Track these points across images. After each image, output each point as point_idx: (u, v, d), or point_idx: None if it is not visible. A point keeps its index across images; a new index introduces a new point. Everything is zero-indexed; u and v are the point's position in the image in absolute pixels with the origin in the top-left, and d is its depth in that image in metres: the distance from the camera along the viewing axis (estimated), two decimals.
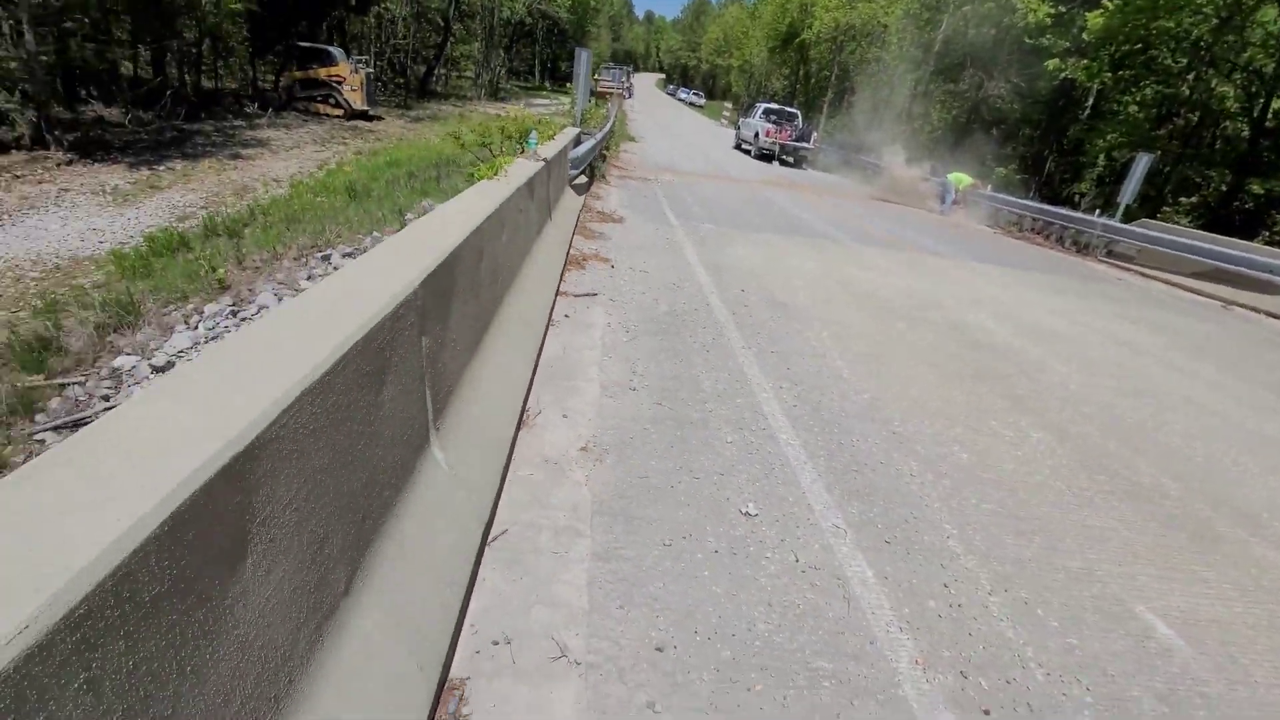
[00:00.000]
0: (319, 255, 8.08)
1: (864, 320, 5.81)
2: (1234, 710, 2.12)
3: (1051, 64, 18.86)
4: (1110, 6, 16.22)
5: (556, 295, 5.09)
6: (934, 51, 25.79)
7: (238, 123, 17.97)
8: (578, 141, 10.36)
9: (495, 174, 4.18)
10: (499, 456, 2.67)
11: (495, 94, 43.92)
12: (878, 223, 12.39)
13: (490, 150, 6.91)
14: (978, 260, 10.07)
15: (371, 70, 22.01)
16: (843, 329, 5.45)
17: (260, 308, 6.26)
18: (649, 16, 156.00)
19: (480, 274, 2.95)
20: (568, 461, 2.96)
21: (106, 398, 4.58)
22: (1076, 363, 5.53)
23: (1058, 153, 22.50)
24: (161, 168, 13.27)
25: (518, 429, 3.07)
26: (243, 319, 6.07)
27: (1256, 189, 16.87)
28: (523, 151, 5.74)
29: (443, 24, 37.22)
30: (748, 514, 2.77)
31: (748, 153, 23.75)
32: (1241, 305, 9.66)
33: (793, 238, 9.32)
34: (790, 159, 22.31)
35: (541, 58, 66.86)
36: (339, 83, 20.21)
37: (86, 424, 1.36)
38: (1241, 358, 6.68)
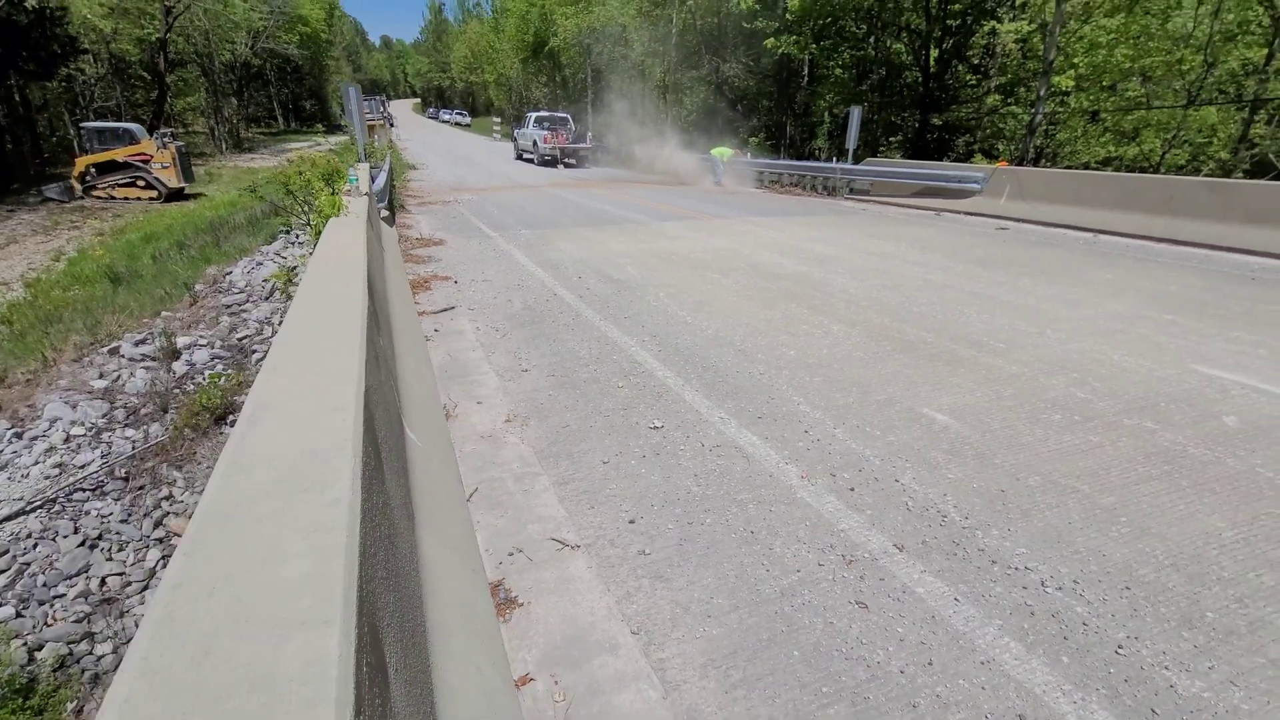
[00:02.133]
0: (104, 349, 7.30)
1: (687, 278, 6.82)
2: (985, 447, 3.27)
3: (769, 42, 21.99)
4: None
5: (419, 316, 5.37)
6: (672, 43, 28.51)
7: None
8: (372, 177, 10.30)
9: (338, 211, 4.39)
10: (445, 439, 3.08)
11: (239, 145, 39.85)
12: (667, 202, 13.82)
13: (295, 197, 6.81)
14: (756, 215, 11.82)
15: (183, 144, 19.52)
16: (673, 289, 6.39)
17: (53, 419, 5.61)
18: (386, 42, 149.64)
19: (377, 293, 3.30)
20: (499, 432, 3.44)
21: None
22: (848, 274, 7.04)
23: (793, 117, 26.20)
24: None
25: (445, 420, 3.46)
26: (35, 437, 5.44)
27: (937, 121, 21.31)
28: (346, 190, 5.86)
29: (152, 78, 32.88)
30: (655, 427, 3.48)
31: (531, 161, 24.50)
32: (948, 211, 12.46)
33: (603, 227, 10.23)
34: (573, 161, 23.46)
35: (280, 99, 61.55)
36: (145, 162, 17.73)
37: None
38: (953, 247, 8.84)
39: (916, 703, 1.84)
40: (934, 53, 20.26)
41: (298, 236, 10.71)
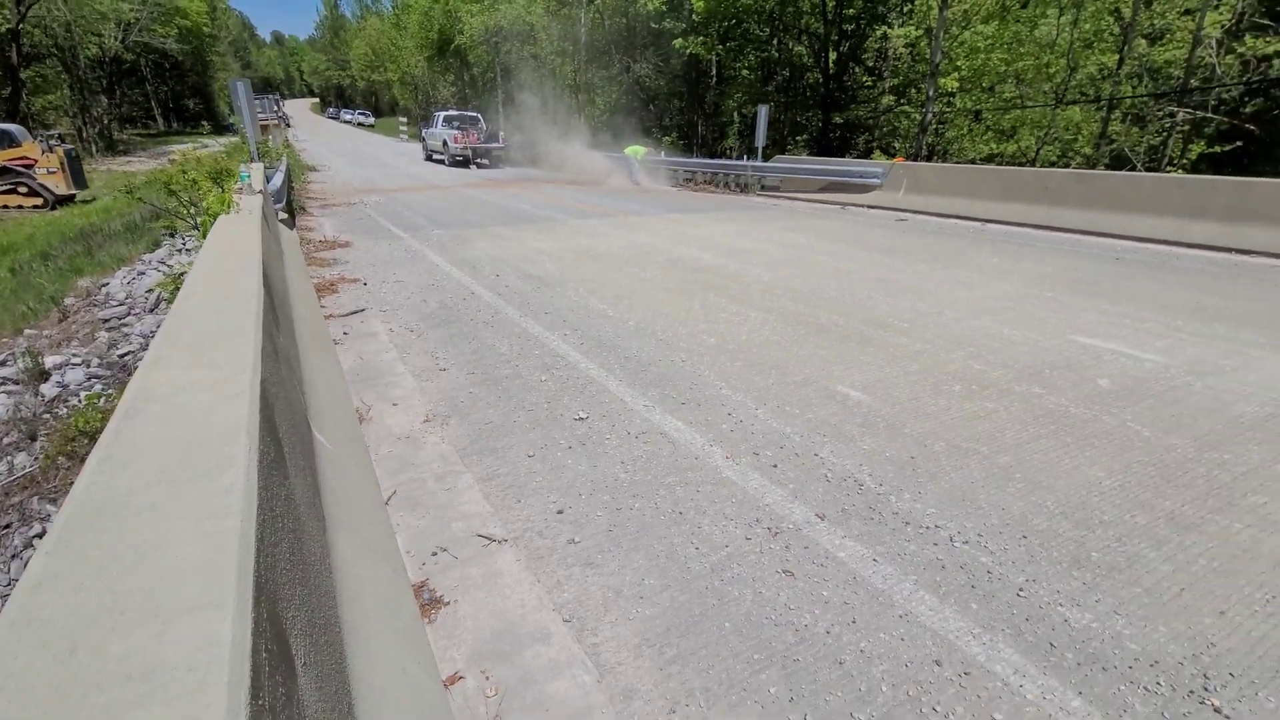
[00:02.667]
0: None
1: (606, 273, 6.82)
2: (895, 418, 3.45)
3: (677, 43, 22.37)
4: None
5: (326, 319, 5.08)
6: (581, 43, 28.46)
7: None
8: (267, 178, 9.67)
9: (228, 208, 4.08)
10: (360, 442, 2.92)
11: (111, 147, 36.38)
12: (584, 200, 13.77)
13: (179, 198, 6.28)
14: (673, 212, 11.98)
15: (72, 147, 17.40)
16: (593, 283, 6.36)
17: None
18: (278, 38, 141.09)
19: (276, 290, 3.08)
20: (418, 433, 3.30)
21: None
22: (763, 265, 7.25)
23: (704, 116, 26.76)
24: None
25: (359, 424, 3.29)
26: None
27: (838, 120, 22.37)
28: (238, 188, 5.45)
29: (3, 73, 29.47)
30: (581, 419, 3.45)
31: (441, 162, 23.77)
32: (852, 204, 13.08)
33: (520, 226, 10.06)
34: (485, 160, 22.95)
35: (159, 98, 56.66)
36: (28, 166, 15.64)
37: None
38: (857, 237, 9.29)
39: (843, 659, 1.91)
40: (832, 55, 21.24)
41: (184, 242, 9.90)
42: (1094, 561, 2.33)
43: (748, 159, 16.54)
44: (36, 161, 16.35)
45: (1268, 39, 13.76)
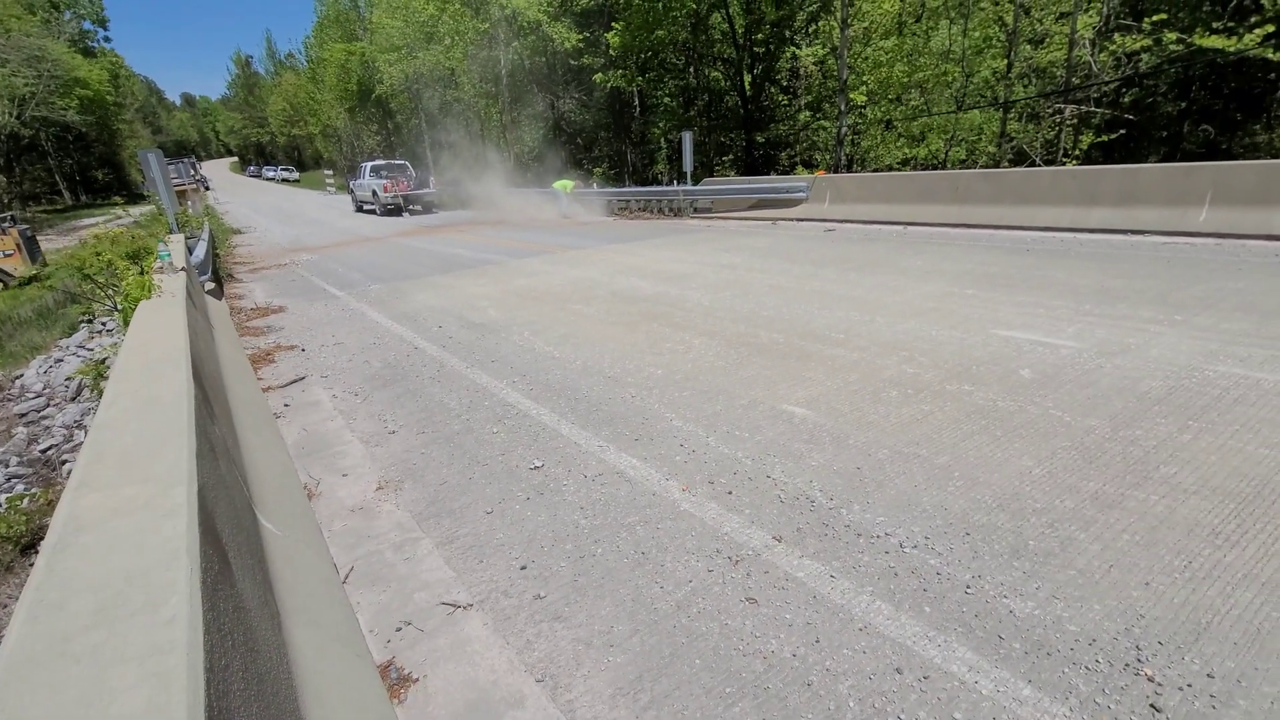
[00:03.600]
0: None
1: (549, 313, 6.86)
2: (839, 430, 3.59)
3: (598, 77, 22.87)
4: (619, 27, 20.41)
5: (265, 392, 4.94)
6: (503, 84, 28.74)
7: None
8: (189, 249, 9.36)
9: (150, 293, 3.95)
10: (311, 521, 2.86)
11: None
12: (521, 239, 13.82)
13: (95, 282, 6.02)
14: (610, 243, 12.14)
15: (26, 226, 16.69)
16: (537, 325, 6.39)
17: None
18: (189, 100, 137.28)
19: (208, 376, 3.01)
20: (371, 503, 3.25)
21: None
22: (702, 289, 7.44)
23: (632, 145, 27.31)
24: None
25: (309, 501, 3.21)
26: None
27: (760, 139, 23.19)
28: (158, 267, 5.27)
29: None
30: (536, 467, 3.46)
31: (373, 212, 23.46)
32: (782, 219, 13.55)
33: (459, 272, 10.02)
34: (418, 207, 22.80)
35: (64, 171, 54.04)
36: None
37: None
38: (790, 251, 9.63)
39: (810, 680, 1.97)
40: (748, 78, 22.11)
41: (104, 324, 9.44)
42: (1031, 550, 2.48)
43: (678, 183, 16.95)
44: None
45: (1134, 36, 15.07)
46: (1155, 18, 15.03)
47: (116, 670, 0.88)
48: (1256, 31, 13.40)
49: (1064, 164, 16.08)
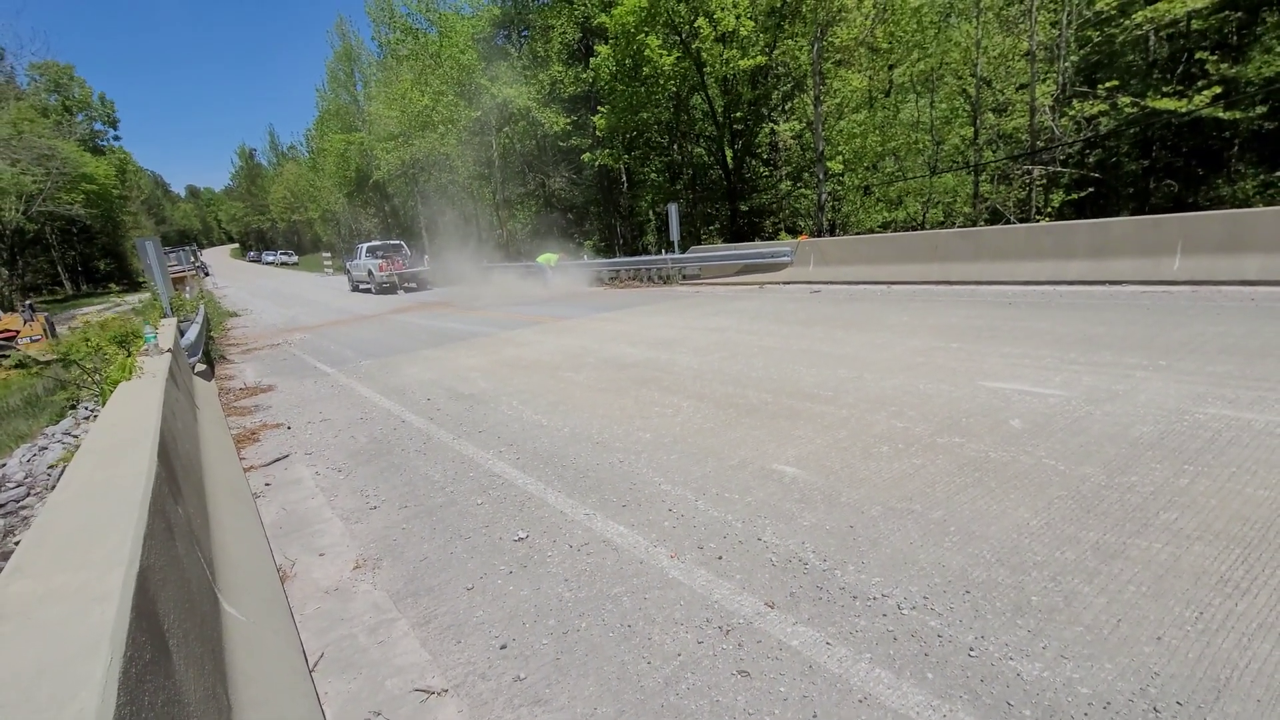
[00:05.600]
0: None
1: (539, 381, 6.84)
2: (831, 489, 3.51)
3: (586, 157, 23.83)
4: (604, 110, 21.46)
5: (247, 472, 4.84)
6: (496, 166, 29.91)
7: None
8: (181, 331, 9.42)
9: (130, 374, 3.92)
10: (281, 604, 2.72)
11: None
12: (512, 311, 13.99)
13: (81, 367, 6.01)
14: (600, 311, 12.29)
15: (48, 311, 17.47)
16: (527, 394, 6.36)
17: None
18: (193, 191, 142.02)
19: (181, 456, 2.94)
20: (346, 583, 3.11)
21: None
22: (691, 352, 7.47)
23: (621, 218, 28.13)
24: None
25: (281, 583, 3.07)
26: None
27: (744, 208, 23.95)
28: (145, 350, 5.27)
29: None
30: (520, 539, 3.34)
31: (368, 291, 23.83)
32: (769, 283, 13.80)
33: (450, 345, 10.07)
34: (413, 284, 23.18)
35: (66, 263, 55.14)
36: (10, 338, 15.88)
37: None
38: (777, 313, 9.75)
39: None
40: (729, 152, 23.07)
41: (91, 410, 9.35)
42: (1034, 606, 2.37)
43: (666, 252, 17.35)
44: (19, 332, 16.90)
45: (1090, 102, 15.91)
46: (1109, 84, 15.93)
47: None
48: (1205, 93, 14.18)
49: (1038, 221, 16.59)
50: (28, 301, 19.50)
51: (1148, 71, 17.40)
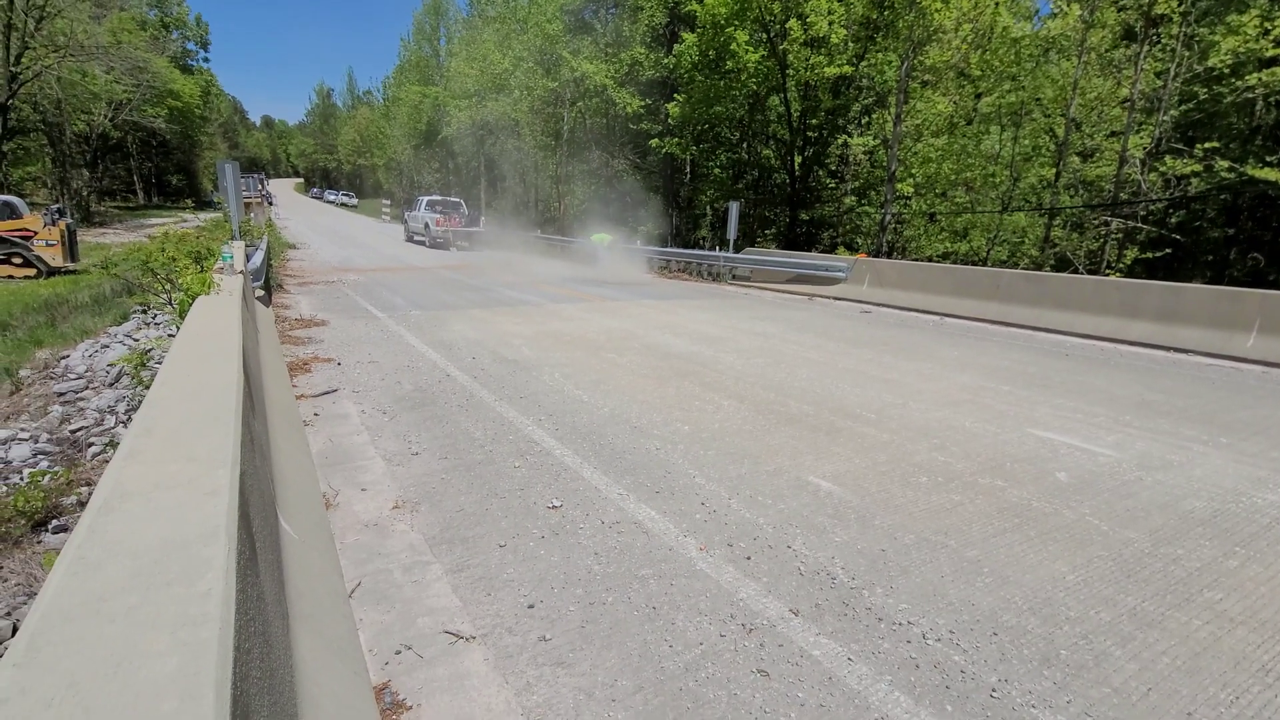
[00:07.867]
0: None
1: (582, 358, 6.92)
2: (865, 510, 3.50)
3: (654, 143, 23.77)
4: (680, 99, 21.34)
5: (298, 400, 5.03)
6: (563, 139, 30.06)
7: None
8: (247, 256, 9.77)
9: (208, 289, 4.11)
10: (325, 530, 2.85)
11: (88, 219, 36.36)
12: (560, 285, 14.11)
13: (155, 275, 6.30)
14: (647, 298, 12.33)
15: (73, 221, 17.97)
16: (569, 368, 6.45)
17: None
18: (268, 121, 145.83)
19: (252, 374, 3.08)
20: (386, 520, 3.23)
21: None
22: (735, 353, 7.46)
23: (678, 209, 28.05)
24: None
25: (325, 510, 3.21)
26: None
27: (804, 217, 23.65)
28: (219, 268, 5.50)
29: None
30: (554, 507, 3.43)
31: (422, 244, 24.29)
32: (819, 296, 13.65)
33: (497, 309, 10.23)
34: (466, 244, 23.53)
35: (142, 173, 57.39)
36: (26, 238, 16.28)
37: None
38: (825, 328, 9.65)
39: None
40: (798, 159, 22.78)
41: (155, 317, 9.79)
42: (1063, 660, 2.35)
43: (720, 250, 17.27)
44: (36, 234, 17.10)
45: (1185, 161, 15.23)
46: (1207, 144, 15.21)
47: (149, 635, 0.87)
48: None
49: (1107, 275, 16.02)
50: (55, 205, 19.70)
51: (1249, 137, 16.57)
